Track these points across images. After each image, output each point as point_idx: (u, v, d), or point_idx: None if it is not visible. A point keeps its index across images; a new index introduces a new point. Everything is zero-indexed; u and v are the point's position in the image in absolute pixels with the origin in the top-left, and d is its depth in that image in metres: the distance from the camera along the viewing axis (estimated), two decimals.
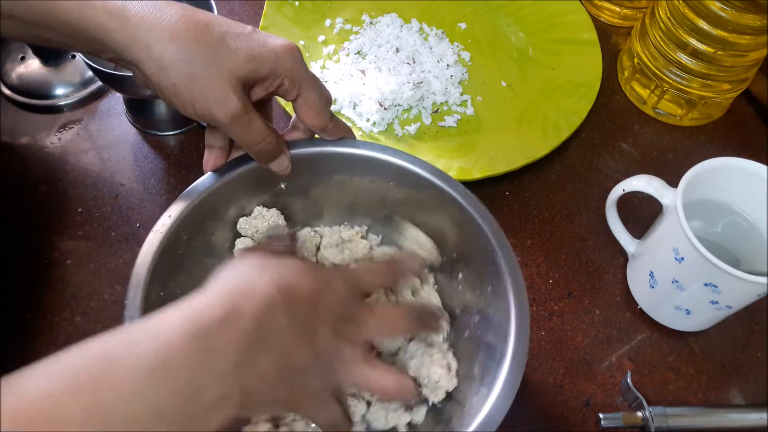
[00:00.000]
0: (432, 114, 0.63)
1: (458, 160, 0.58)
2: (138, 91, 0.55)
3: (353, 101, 0.62)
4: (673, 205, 0.47)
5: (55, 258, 0.53)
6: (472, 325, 0.43)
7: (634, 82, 0.67)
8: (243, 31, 0.38)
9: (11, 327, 0.49)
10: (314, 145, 0.44)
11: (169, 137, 0.60)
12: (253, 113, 0.38)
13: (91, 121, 0.61)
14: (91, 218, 0.55)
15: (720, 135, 0.66)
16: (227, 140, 0.43)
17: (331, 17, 0.69)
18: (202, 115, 0.37)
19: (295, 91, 0.40)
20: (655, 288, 0.51)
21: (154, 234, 0.39)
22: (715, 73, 0.61)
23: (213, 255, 0.45)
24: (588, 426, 0.48)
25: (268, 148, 0.40)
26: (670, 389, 0.51)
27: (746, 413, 0.48)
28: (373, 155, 0.44)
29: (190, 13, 0.36)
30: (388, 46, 0.66)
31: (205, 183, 0.42)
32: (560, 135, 0.60)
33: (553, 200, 0.60)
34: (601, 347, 0.52)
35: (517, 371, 0.36)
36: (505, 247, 0.40)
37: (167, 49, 0.35)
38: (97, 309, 0.51)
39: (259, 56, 0.37)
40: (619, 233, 0.55)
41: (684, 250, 0.46)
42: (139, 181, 0.57)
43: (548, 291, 0.55)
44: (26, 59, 0.64)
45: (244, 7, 0.71)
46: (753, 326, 0.54)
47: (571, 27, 0.69)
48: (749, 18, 0.56)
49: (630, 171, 0.60)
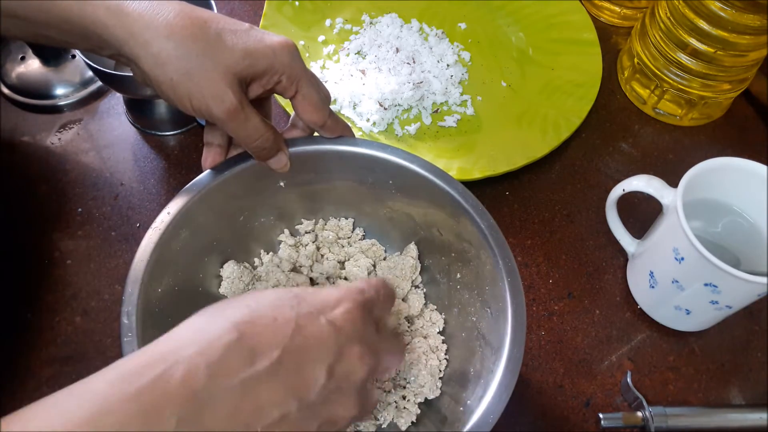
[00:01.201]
0: (432, 114, 0.63)
1: (458, 160, 0.58)
2: (138, 91, 0.55)
3: (353, 101, 0.62)
4: (673, 205, 0.47)
5: (55, 258, 0.53)
6: (469, 325, 0.43)
7: (634, 82, 0.67)
8: (240, 28, 0.38)
9: (11, 327, 0.49)
10: (313, 143, 0.44)
11: (169, 137, 0.60)
12: (250, 109, 0.38)
13: (91, 121, 0.61)
14: (91, 218, 0.55)
15: (720, 135, 0.66)
16: (226, 138, 0.43)
17: (331, 17, 0.69)
18: (199, 110, 0.37)
19: (293, 87, 0.40)
20: (655, 288, 0.51)
21: (153, 231, 0.39)
22: (715, 73, 0.61)
23: (211, 253, 0.45)
24: (588, 426, 0.48)
25: (266, 145, 0.40)
26: (670, 389, 0.51)
27: (746, 413, 0.48)
28: (372, 153, 0.44)
29: (187, 9, 0.37)
30: (388, 46, 0.66)
31: (203, 180, 0.42)
32: (560, 135, 0.60)
33: (553, 200, 0.60)
34: (601, 347, 0.52)
35: (513, 372, 0.36)
36: (502, 246, 0.40)
37: (164, 45, 0.35)
38: (97, 309, 0.51)
39: (255, 53, 0.37)
40: (619, 233, 0.55)
41: (684, 250, 0.46)
42: (139, 181, 0.57)
43: (548, 291, 0.55)
44: (26, 59, 0.64)
45: (244, 7, 0.71)
46: (753, 326, 0.54)
47: (571, 27, 0.69)
48: (749, 18, 0.56)
49: (630, 171, 0.60)
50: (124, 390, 0.24)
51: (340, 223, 0.49)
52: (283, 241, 0.49)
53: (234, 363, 0.26)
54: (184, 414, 0.24)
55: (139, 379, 0.24)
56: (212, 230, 0.44)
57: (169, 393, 0.24)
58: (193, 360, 0.25)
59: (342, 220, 0.49)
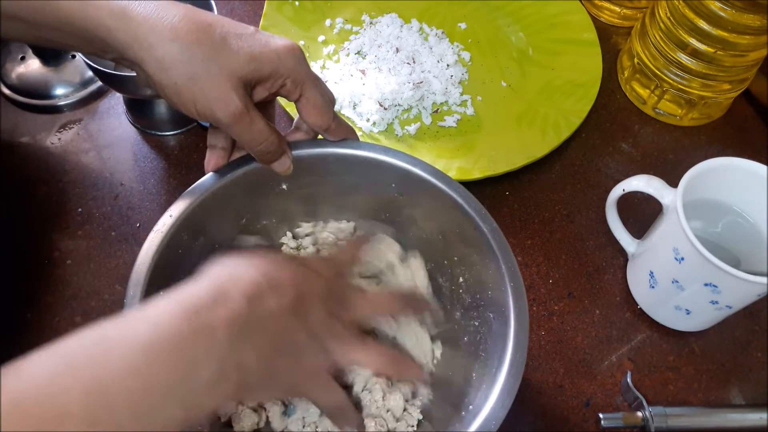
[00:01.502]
0: (432, 114, 0.63)
1: (458, 160, 0.58)
2: (138, 91, 0.55)
3: (353, 101, 0.62)
4: (673, 205, 0.47)
5: (55, 258, 0.53)
6: (472, 330, 0.43)
7: (634, 82, 0.67)
8: (245, 32, 0.38)
9: (11, 327, 0.49)
10: (317, 146, 0.44)
11: (169, 137, 0.60)
12: (255, 113, 0.38)
13: (91, 121, 0.61)
14: (91, 218, 0.55)
15: (720, 135, 0.66)
16: (229, 140, 0.43)
17: (331, 17, 0.69)
18: (203, 114, 0.37)
19: (298, 91, 0.40)
20: (655, 288, 0.51)
21: (155, 233, 0.39)
22: (715, 73, 0.61)
23: (214, 255, 0.44)
24: (588, 426, 0.48)
25: (270, 148, 0.40)
26: (670, 389, 0.51)
27: (746, 413, 0.48)
28: (376, 156, 0.44)
29: (192, 13, 0.36)
30: (388, 46, 0.66)
31: (206, 183, 0.41)
32: (560, 135, 0.60)
33: (553, 200, 0.60)
34: (601, 347, 0.52)
35: (516, 377, 0.36)
36: (505, 250, 0.40)
37: (169, 49, 0.35)
38: (97, 309, 0.51)
39: (260, 56, 0.37)
40: (619, 233, 0.55)
41: (684, 250, 0.46)
42: (139, 181, 0.57)
43: (548, 291, 0.55)
44: (26, 59, 0.64)
45: (244, 7, 0.71)
46: (753, 326, 0.54)
47: (571, 27, 0.69)
48: (749, 18, 0.56)
49: (630, 171, 0.60)
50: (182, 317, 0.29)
51: (341, 225, 0.49)
52: (285, 243, 0.49)
53: (265, 299, 0.32)
54: (236, 332, 0.30)
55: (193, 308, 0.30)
56: (214, 233, 0.44)
57: (220, 317, 0.30)
58: (236, 296, 0.31)
59: (343, 222, 0.49)
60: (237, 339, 0.30)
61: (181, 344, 0.28)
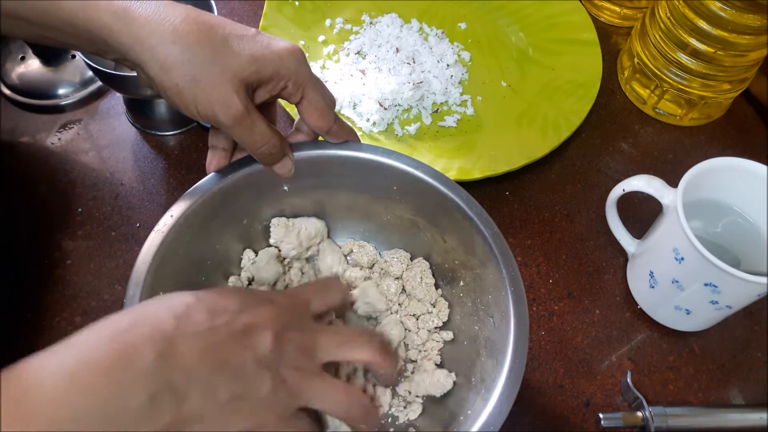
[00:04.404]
0: (432, 114, 0.63)
1: (458, 160, 0.58)
2: (138, 91, 0.55)
3: (353, 101, 0.62)
4: (673, 205, 0.47)
5: (55, 258, 0.53)
6: (472, 333, 0.43)
7: (634, 82, 0.67)
8: (246, 33, 0.37)
9: (11, 327, 0.49)
10: (318, 148, 0.44)
11: (169, 137, 0.60)
12: (256, 115, 0.38)
13: (91, 121, 0.61)
14: (91, 218, 0.55)
15: (720, 135, 0.66)
16: (231, 141, 0.43)
17: (331, 17, 0.69)
18: (205, 116, 0.37)
19: (299, 93, 0.40)
20: (655, 288, 0.51)
21: (156, 234, 0.39)
22: (715, 73, 0.61)
23: (214, 256, 0.45)
24: (588, 426, 0.48)
25: (272, 150, 0.40)
26: (670, 389, 0.51)
27: (746, 413, 0.48)
28: (377, 159, 0.43)
29: (194, 14, 0.36)
30: (388, 46, 0.66)
31: (207, 184, 0.41)
32: (560, 135, 0.60)
33: (553, 200, 0.60)
34: (601, 347, 0.52)
35: (515, 382, 0.35)
36: (506, 255, 0.40)
37: (171, 51, 0.35)
38: (97, 309, 0.51)
39: (262, 58, 0.37)
40: (619, 233, 0.55)
41: (684, 250, 0.46)
42: (139, 181, 0.57)
43: (548, 291, 0.55)
44: (26, 59, 0.64)
45: (243, 7, 0.71)
46: (753, 326, 0.54)
47: (571, 27, 0.69)
48: (749, 18, 0.56)
49: (630, 171, 0.60)
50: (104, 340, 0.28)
51: (311, 220, 0.49)
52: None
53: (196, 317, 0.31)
54: (160, 349, 0.28)
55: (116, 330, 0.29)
56: (215, 234, 0.44)
57: (143, 335, 0.29)
58: (162, 315, 0.30)
59: (312, 218, 0.49)
60: (163, 357, 0.28)
61: (104, 369, 0.27)
